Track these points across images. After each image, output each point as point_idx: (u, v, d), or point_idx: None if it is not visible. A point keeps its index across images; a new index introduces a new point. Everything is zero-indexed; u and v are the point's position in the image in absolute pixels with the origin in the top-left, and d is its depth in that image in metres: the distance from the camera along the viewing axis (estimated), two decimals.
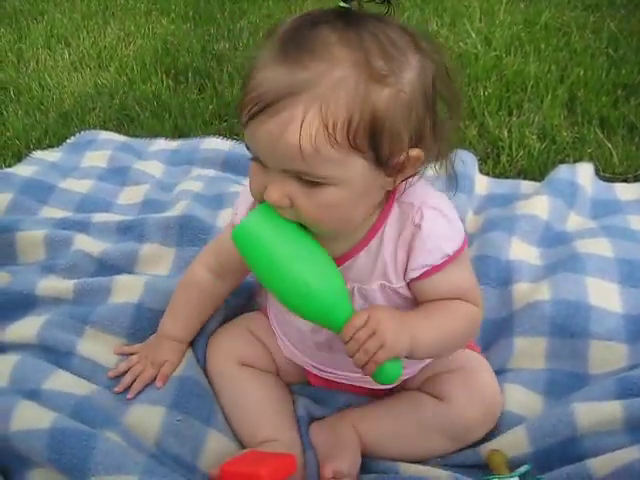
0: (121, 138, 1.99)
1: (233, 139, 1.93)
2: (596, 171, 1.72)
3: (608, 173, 1.75)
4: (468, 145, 1.83)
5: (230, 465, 1.01)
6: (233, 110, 2.04)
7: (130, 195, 1.73)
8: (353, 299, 1.02)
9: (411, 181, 0.97)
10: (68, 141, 2.00)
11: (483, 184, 1.71)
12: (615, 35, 2.41)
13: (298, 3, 2.89)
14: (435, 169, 0.99)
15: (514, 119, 1.96)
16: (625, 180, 1.73)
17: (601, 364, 1.19)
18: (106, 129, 2.05)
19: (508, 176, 1.77)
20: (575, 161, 1.76)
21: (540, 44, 2.38)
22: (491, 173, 1.78)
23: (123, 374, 1.18)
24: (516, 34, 2.46)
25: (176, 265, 1.43)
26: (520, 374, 1.20)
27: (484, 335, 1.28)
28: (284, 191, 0.89)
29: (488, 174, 1.77)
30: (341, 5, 0.89)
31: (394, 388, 1.13)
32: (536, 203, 1.53)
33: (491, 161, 1.82)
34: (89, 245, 1.46)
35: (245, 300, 1.31)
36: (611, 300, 1.28)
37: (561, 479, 1.00)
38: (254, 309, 1.29)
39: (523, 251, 1.42)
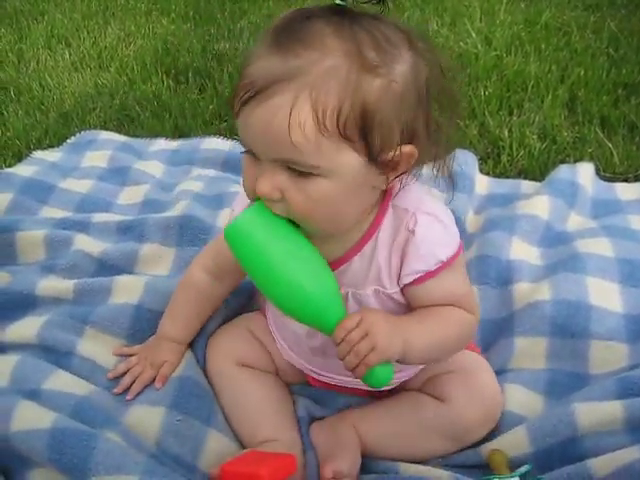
0: (121, 138, 1.99)
1: (233, 139, 1.93)
2: (597, 171, 1.72)
3: (609, 173, 1.75)
4: (468, 145, 1.83)
5: (230, 465, 1.01)
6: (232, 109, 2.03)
7: (130, 195, 1.73)
8: (347, 304, 1.01)
9: (405, 182, 0.96)
10: (68, 141, 2.00)
11: (483, 184, 1.71)
12: (615, 35, 2.41)
13: (298, 2, 2.89)
14: (433, 171, 0.98)
15: (514, 119, 1.96)
16: (626, 180, 1.73)
17: (602, 364, 1.19)
18: (106, 129, 2.05)
19: (508, 176, 1.77)
20: (576, 161, 1.76)
21: (540, 44, 2.38)
22: (491, 173, 1.78)
23: (122, 375, 1.18)
24: (516, 34, 2.46)
25: (176, 265, 1.43)
26: (520, 374, 1.20)
27: (484, 335, 1.28)
28: (275, 183, 0.88)
29: (488, 174, 1.77)
30: (337, 3, 0.89)
31: (394, 389, 1.13)
32: (536, 203, 1.53)
33: (491, 161, 1.82)
34: (89, 245, 1.46)
35: (245, 300, 1.31)
36: (612, 300, 1.27)
37: (561, 479, 1.00)
38: (254, 309, 1.29)
39: (523, 251, 1.42)
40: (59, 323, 1.25)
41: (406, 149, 0.90)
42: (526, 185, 1.70)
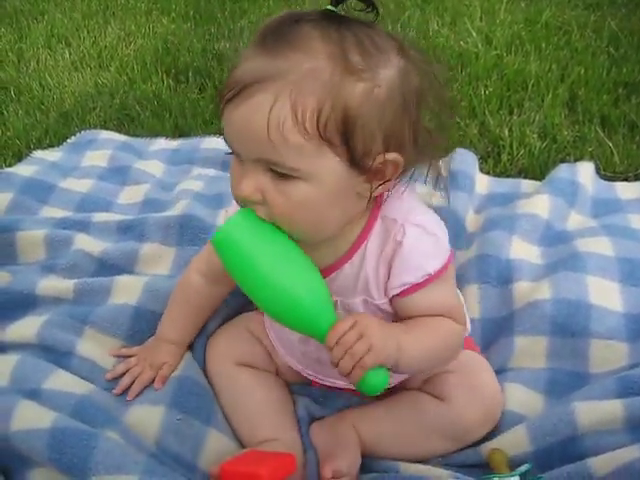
0: (121, 138, 1.99)
1: None
2: (597, 170, 1.71)
3: (609, 172, 1.75)
4: (469, 144, 1.83)
5: (230, 464, 1.01)
6: None
7: (130, 194, 1.73)
8: (337, 313, 1.00)
9: (393, 190, 0.95)
10: (68, 141, 2.00)
11: (484, 183, 1.70)
12: (616, 34, 2.41)
13: (298, 2, 2.89)
14: (425, 182, 0.97)
15: (515, 118, 1.96)
16: (626, 179, 1.73)
17: (602, 363, 1.19)
18: (106, 129, 2.05)
19: (509, 175, 1.77)
20: (576, 160, 1.76)
21: (541, 43, 2.38)
22: (492, 172, 1.78)
23: (121, 376, 1.18)
24: (517, 33, 2.45)
25: (176, 265, 1.42)
26: (521, 373, 1.20)
27: (485, 334, 1.28)
28: (256, 184, 0.88)
29: (489, 173, 1.77)
30: (328, 8, 0.89)
31: (394, 388, 1.13)
32: (537, 202, 1.53)
33: (492, 160, 1.81)
34: (89, 245, 1.46)
35: (245, 300, 1.29)
36: (612, 299, 1.27)
37: (562, 478, 1.00)
38: (254, 309, 1.29)
39: (524, 250, 1.42)
40: (59, 323, 1.25)
41: (390, 156, 0.89)
42: (526, 184, 1.70)
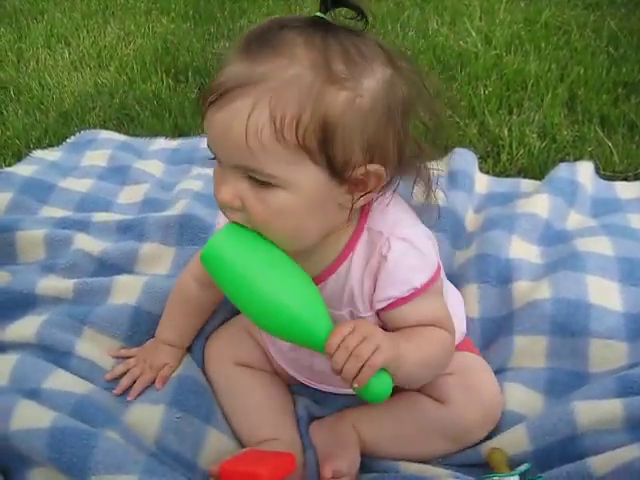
0: (121, 137, 1.99)
1: None
2: (596, 169, 1.71)
3: (608, 171, 1.74)
4: (468, 143, 1.83)
5: (230, 464, 1.01)
6: None
7: (130, 194, 1.73)
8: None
9: (378, 201, 0.94)
10: (68, 140, 2.00)
11: (483, 183, 1.70)
12: (615, 33, 2.41)
13: (298, 2, 2.89)
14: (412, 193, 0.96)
15: (514, 118, 1.96)
16: (625, 179, 1.73)
17: (601, 362, 1.19)
18: (106, 128, 2.05)
19: (508, 175, 1.77)
20: (575, 159, 1.76)
21: (540, 43, 2.38)
22: (491, 172, 1.78)
23: (120, 377, 1.18)
24: (516, 33, 2.45)
25: (176, 264, 1.42)
26: (520, 373, 1.20)
27: (484, 334, 1.28)
28: (235, 191, 0.86)
29: (488, 173, 1.77)
30: (317, 15, 0.88)
31: (393, 390, 1.12)
32: (536, 202, 1.53)
33: (491, 160, 1.81)
34: (89, 244, 1.46)
35: None
36: (611, 298, 1.27)
37: (561, 477, 1.00)
38: None
39: (523, 249, 1.42)
40: (58, 323, 1.25)
41: (372, 168, 0.88)
42: (526, 184, 1.70)
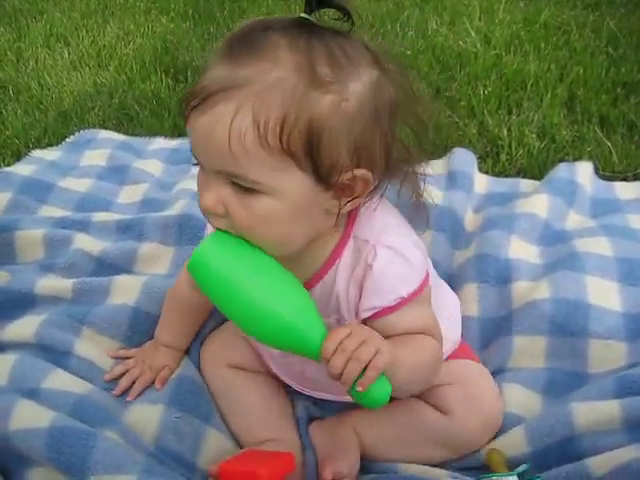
0: (120, 137, 1.99)
1: None
2: (595, 170, 1.71)
3: (607, 172, 1.75)
4: (468, 143, 1.83)
5: (229, 464, 1.01)
6: None
7: (129, 194, 1.73)
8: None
9: (365, 207, 0.92)
10: (67, 140, 2.00)
11: (482, 183, 1.70)
12: (615, 34, 2.41)
13: (298, 2, 2.89)
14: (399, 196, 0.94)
15: (514, 118, 1.96)
16: (624, 179, 1.73)
17: (601, 363, 1.19)
18: (105, 128, 2.05)
19: (508, 175, 1.77)
20: (575, 160, 1.76)
21: (540, 43, 2.38)
22: (490, 172, 1.78)
23: (119, 377, 1.18)
24: (516, 33, 2.45)
25: (175, 264, 1.42)
26: (519, 373, 1.20)
27: (483, 334, 1.28)
28: (218, 197, 0.85)
29: (487, 173, 1.77)
30: (301, 15, 0.86)
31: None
32: (535, 202, 1.53)
33: (490, 160, 1.81)
34: (88, 244, 1.46)
35: None
36: (610, 299, 1.27)
37: (560, 478, 1.00)
38: None
39: (522, 250, 1.42)
40: (57, 322, 1.25)
41: (359, 172, 0.86)
42: (525, 184, 1.70)
